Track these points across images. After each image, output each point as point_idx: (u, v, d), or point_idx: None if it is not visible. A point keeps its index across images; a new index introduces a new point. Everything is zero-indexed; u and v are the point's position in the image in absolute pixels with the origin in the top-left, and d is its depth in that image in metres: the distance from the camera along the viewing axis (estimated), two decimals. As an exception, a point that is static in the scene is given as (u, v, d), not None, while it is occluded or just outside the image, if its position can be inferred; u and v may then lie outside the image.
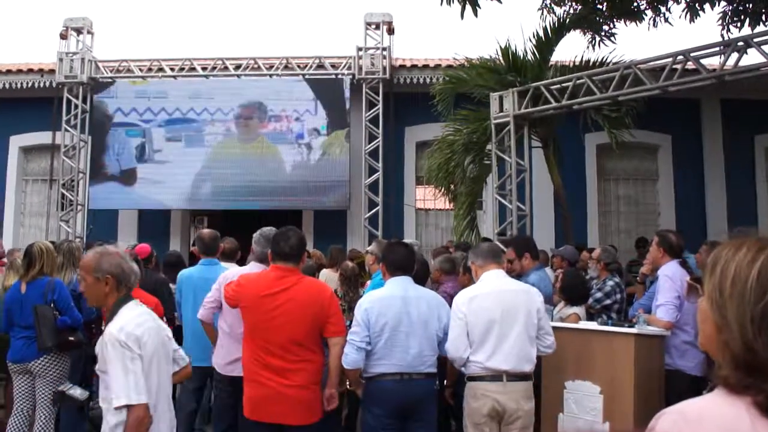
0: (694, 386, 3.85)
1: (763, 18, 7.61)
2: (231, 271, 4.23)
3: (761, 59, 5.96)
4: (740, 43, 6.12)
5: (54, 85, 10.72)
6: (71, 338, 4.58)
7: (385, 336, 3.56)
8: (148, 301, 4.66)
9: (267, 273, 3.63)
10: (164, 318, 4.86)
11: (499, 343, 3.56)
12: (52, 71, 10.79)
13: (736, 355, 1.09)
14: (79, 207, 10.73)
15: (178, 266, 5.62)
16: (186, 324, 4.81)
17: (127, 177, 10.60)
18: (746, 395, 1.06)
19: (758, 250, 1.13)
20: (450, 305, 3.91)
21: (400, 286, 3.71)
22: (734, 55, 6.11)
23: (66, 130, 10.74)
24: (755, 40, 6.03)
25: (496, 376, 3.56)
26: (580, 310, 4.77)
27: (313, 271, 5.59)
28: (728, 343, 1.11)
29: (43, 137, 11.04)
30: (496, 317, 3.58)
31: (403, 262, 3.79)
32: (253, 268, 4.13)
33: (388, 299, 3.64)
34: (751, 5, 7.58)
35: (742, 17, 7.67)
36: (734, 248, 1.16)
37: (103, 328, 4.90)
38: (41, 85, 10.91)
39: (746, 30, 7.51)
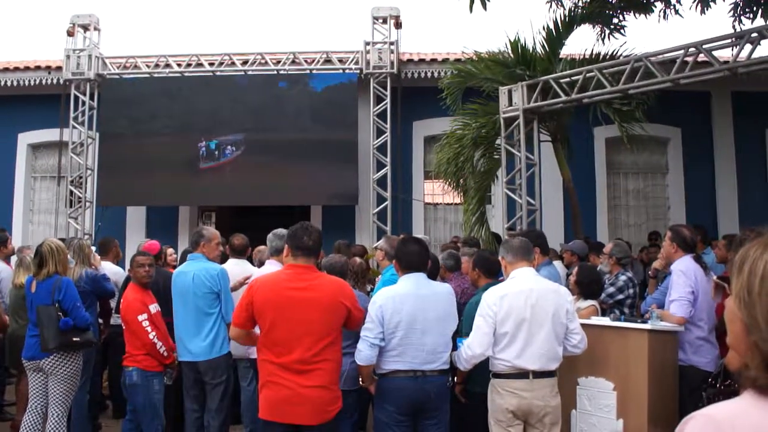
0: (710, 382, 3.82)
1: (775, 9, 7.50)
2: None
3: (775, 51, 5.88)
4: (754, 35, 6.02)
5: (61, 82, 10.72)
6: (76, 339, 4.51)
7: (399, 333, 3.55)
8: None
9: (283, 272, 3.56)
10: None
11: (528, 343, 3.54)
12: (59, 68, 10.79)
13: (767, 355, 1.06)
14: (88, 204, 10.75)
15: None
16: (177, 319, 4.72)
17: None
18: (778, 397, 1.03)
19: (788, 247, 1.10)
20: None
21: (413, 283, 3.69)
22: (747, 47, 6.02)
23: (74, 126, 10.75)
24: (769, 31, 5.95)
25: (522, 373, 3.55)
26: (595, 302, 4.75)
27: (318, 267, 5.57)
28: (758, 343, 1.07)
29: (51, 134, 11.07)
30: (527, 316, 3.55)
31: (417, 259, 3.76)
32: (270, 267, 4.10)
33: (403, 297, 3.62)
34: (763, -4, 7.47)
35: (755, 8, 7.55)
36: (763, 246, 1.13)
37: (118, 321, 4.88)
38: (48, 82, 10.91)
39: (758, 21, 7.40)
